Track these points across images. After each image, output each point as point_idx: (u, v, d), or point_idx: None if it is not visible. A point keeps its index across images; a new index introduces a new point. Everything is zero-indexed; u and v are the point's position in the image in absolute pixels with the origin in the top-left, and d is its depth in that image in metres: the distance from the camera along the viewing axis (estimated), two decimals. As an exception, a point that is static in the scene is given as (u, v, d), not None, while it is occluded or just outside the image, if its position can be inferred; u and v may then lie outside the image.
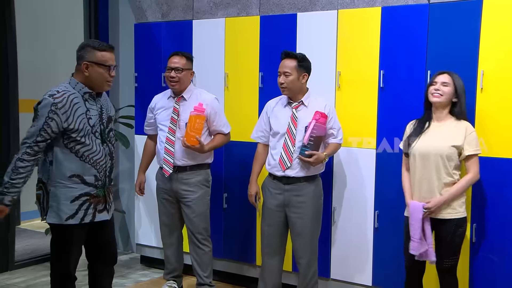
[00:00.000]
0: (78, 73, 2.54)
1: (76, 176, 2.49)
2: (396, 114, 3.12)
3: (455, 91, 2.72)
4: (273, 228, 3.10)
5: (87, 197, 2.52)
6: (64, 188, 2.48)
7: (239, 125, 3.52)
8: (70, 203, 2.49)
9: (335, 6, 3.38)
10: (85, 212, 2.52)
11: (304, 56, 3.04)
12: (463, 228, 2.69)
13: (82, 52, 2.53)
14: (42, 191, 2.53)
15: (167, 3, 4.04)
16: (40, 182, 2.55)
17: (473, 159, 2.69)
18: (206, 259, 3.38)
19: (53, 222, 2.50)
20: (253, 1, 3.68)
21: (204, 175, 3.34)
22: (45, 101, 2.43)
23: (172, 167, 3.25)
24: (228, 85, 3.69)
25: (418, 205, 2.70)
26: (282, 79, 3.01)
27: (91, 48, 2.52)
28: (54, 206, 2.49)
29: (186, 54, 3.33)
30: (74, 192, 2.49)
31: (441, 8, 3.01)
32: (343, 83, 3.30)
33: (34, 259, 4.19)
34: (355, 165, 3.29)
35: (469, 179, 2.69)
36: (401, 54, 3.11)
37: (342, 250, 3.34)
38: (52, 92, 2.46)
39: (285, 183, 3.04)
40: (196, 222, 3.31)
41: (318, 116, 2.93)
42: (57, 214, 2.49)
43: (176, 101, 3.30)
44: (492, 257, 2.90)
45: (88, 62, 2.51)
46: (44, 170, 2.52)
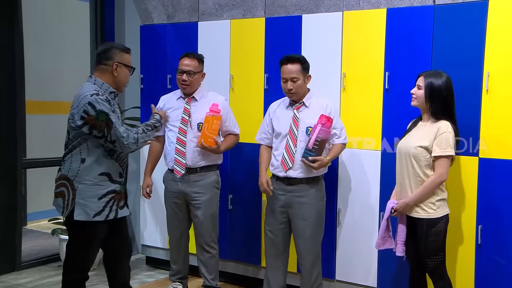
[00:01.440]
0: (104, 74, 2.59)
1: (106, 174, 2.55)
2: (401, 115, 3.11)
3: (425, 93, 2.70)
4: (276, 230, 3.10)
5: (113, 194, 2.58)
6: (93, 185, 2.51)
7: (245, 127, 3.53)
8: (98, 201, 2.53)
9: (340, 7, 3.38)
10: (110, 209, 2.57)
11: (304, 57, 3.05)
12: (437, 229, 2.67)
13: (110, 53, 2.58)
14: (67, 188, 2.53)
15: (172, 5, 4.06)
16: (65, 179, 2.54)
17: (440, 160, 2.66)
18: (213, 262, 3.38)
19: (80, 219, 2.51)
20: (258, 3, 3.69)
21: (214, 177, 3.35)
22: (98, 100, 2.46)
23: (184, 168, 3.25)
24: (234, 87, 3.70)
25: (389, 204, 2.81)
26: (290, 85, 2.98)
27: (119, 50, 2.60)
28: (81, 203, 2.51)
29: (197, 55, 3.33)
30: (102, 190, 2.54)
31: (447, 10, 3.00)
32: (348, 85, 3.30)
33: (40, 260, 4.21)
34: (360, 167, 3.29)
35: (432, 181, 2.67)
36: (406, 56, 3.11)
37: (347, 251, 3.34)
38: (92, 91, 2.50)
39: (287, 184, 3.04)
40: (205, 224, 3.31)
41: (325, 121, 2.91)
42: (85, 211, 2.51)
43: (187, 102, 3.31)
44: (499, 259, 2.89)
45: (118, 63, 2.58)
46: (73, 167, 2.52)
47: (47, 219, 4.35)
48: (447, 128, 2.66)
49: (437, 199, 2.70)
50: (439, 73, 2.74)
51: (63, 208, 2.55)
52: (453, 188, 2.94)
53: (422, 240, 2.70)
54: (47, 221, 4.31)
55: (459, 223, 2.98)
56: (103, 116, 2.46)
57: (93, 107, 2.45)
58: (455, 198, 2.95)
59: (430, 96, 2.70)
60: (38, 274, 3.99)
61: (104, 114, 2.46)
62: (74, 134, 2.52)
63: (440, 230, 2.69)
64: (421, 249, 2.72)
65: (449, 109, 2.72)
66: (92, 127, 2.47)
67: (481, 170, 2.92)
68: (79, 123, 2.47)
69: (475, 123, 2.92)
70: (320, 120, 2.92)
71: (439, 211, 2.69)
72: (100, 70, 2.60)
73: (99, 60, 2.61)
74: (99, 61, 2.61)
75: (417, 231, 2.74)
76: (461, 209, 2.98)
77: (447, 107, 2.71)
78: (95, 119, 2.45)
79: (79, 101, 2.49)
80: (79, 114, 2.47)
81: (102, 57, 2.60)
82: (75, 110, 2.49)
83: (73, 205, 2.51)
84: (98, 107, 2.45)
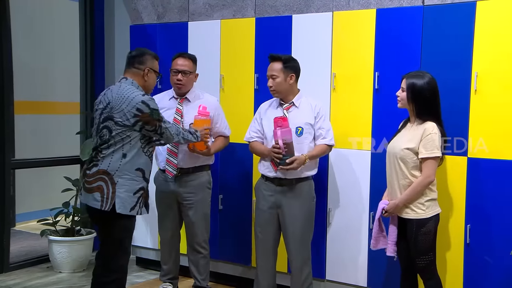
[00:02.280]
0: (135, 76, 2.73)
1: (140, 170, 2.66)
2: (391, 115, 3.12)
3: (407, 95, 2.70)
4: (266, 230, 3.10)
5: (142, 191, 2.68)
6: (130, 180, 2.62)
7: (235, 127, 3.52)
8: (133, 195, 2.63)
9: (330, 8, 3.39)
10: (140, 205, 2.68)
11: (289, 57, 3.06)
12: (426, 229, 2.68)
13: (143, 58, 2.73)
14: (105, 183, 2.60)
15: (162, 5, 4.05)
16: (104, 173, 2.61)
17: (427, 161, 2.66)
18: (204, 262, 3.37)
19: (122, 212, 2.60)
20: (248, 3, 3.69)
21: (206, 177, 3.34)
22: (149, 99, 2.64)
23: (176, 168, 3.24)
24: (224, 87, 3.69)
25: (380, 205, 2.83)
26: (270, 82, 3.03)
27: (152, 56, 2.77)
28: (120, 197, 2.59)
29: (191, 55, 3.33)
30: (136, 185, 2.65)
31: (435, 10, 3.02)
32: (338, 85, 3.31)
33: (29, 261, 4.17)
34: (350, 167, 3.29)
35: (419, 182, 2.67)
36: (395, 56, 3.12)
37: (337, 251, 3.35)
38: (141, 92, 2.66)
39: (277, 185, 3.04)
40: (197, 225, 3.31)
41: (280, 123, 2.91)
42: (123, 204, 2.60)
43: (179, 102, 3.30)
44: (487, 258, 2.91)
45: (150, 68, 2.74)
46: (113, 161, 2.60)
47: (36, 220, 4.32)
48: (433, 129, 2.66)
49: (426, 200, 2.71)
50: (422, 73, 2.73)
51: (102, 202, 2.60)
52: (442, 188, 2.95)
53: (412, 240, 2.72)
54: (36, 222, 4.28)
55: (448, 222, 2.99)
56: (156, 114, 2.64)
57: (147, 106, 2.60)
58: (444, 198, 2.96)
59: (412, 97, 2.70)
60: (27, 275, 3.96)
61: (157, 112, 2.65)
62: (121, 131, 2.60)
63: (430, 230, 2.70)
64: (411, 249, 2.73)
65: (435, 109, 2.71)
66: (145, 123, 2.62)
67: (470, 170, 2.94)
68: (133, 121, 2.59)
69: (463, 123, 2.94)
70: (276, 124, 2.92)
71: (428, 211, 2.71)
72: (132, 73, 2.73)
73: (131, 63, 2.75)
74: (131, 64, 2.75)
75: (407, 231, 2.75)
76: (450, 208, 3.00)
77: (431, 108, 2.70)
78: (149, 116, 2.61)
79: (128, 101, 2.59)
80: (132, 112, 2.58)
81: (135, 61, 2.74)
82: (126, 109, 2.58)
83: (113, 198, 2.58)
84: (151, 105, 2.62)
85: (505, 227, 2.85)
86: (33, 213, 5.17)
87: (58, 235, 4.00)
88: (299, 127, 3.01)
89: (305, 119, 3.02)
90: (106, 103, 2.64)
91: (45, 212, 4.15)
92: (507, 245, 2.83)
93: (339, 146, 3.25)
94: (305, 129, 3.01)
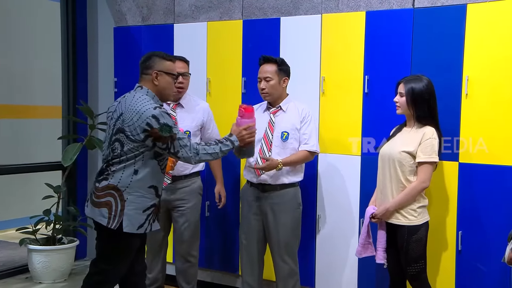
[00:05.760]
0: (147, 83, 2.54)
1: (153, 187, 2.50)
2: (381, 120, 3.08)
3: (407, 99, 2.66)
4: (251, 237, 3.03)
5: (154, 208, 2.54)
6: (141, 197, 2.47)
7: (222, 131, 3.43)
8: (142, 213, 2.49)
9: (319, 10, 3.34)
10: (149, 222, 2.53)
11: (283, 60, 2.99)
12: (418, 236, 2.64)
13: (149, 62, 2.55)
14: (115, 199, 2.46)
15: (147, 6, 3.96)
16: (113, 189, 2.46)
17: (423, 166, 2.63)
18: (192, 271, 3.29)
19: (128, 231, 2.46)
20: (235, 5, 3.62)
21: (198, 182, 3.27)
22: (161, 113, 2.41)
23: (170, 177, 3.15)
24: (211, 91, 3.62)
25: (368, 211, 2.76)
26: (263, 84, 2.95)
27: (159, 57, 2.55)
28: (129, 215, 2.46)
29: (186, 59, 3.24)
30: (148, 203, 2.50)
31: (426, 13, 2.98)
32: (327, 89, 3.25)
33: (6, 271, 4.02)
34: (340, 172, 3.24)
35: (413, 187, 2.63)
36: (385, 59, 3.08)
37: (327, 258, 3.28)
38: (154, 104, 2.44)
39: (261, 191, 2.97)
40: (187, 232, 3.21)
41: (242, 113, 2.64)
42: (131, 222, 2.46)
43: (172, 108, 3.20)
44: (479, 265, 2.87)
45: (158, 71, 2.52)
46: (124, 177, 2.45)
47: (15, 228, 4.17)
48: (432, 134, 2.63)
49: (418, 206, 2.66)
50: (419, 77, 2.71)
51: (109, 219, 2.46)
52: (433, 193, 2.91)
53: (403, 248, 2.66)
54: (15, 230, 4.14)
55: (439, 229, 2.95)
56: (166, 130, 2.41)
57: (157, 120, 2.39)
58: (435, 204, 2.92)
59: (412, 102, 2.66)
60: (4, 287, 3.81)
61: (167, 127, 2.41)
62: (133, 146, 2.43)
63: (421, 237, 2.65)
64: (402, 257, 2.68)
65: (433, 113, 2.69)
66: (156, 139, 2.42)
67: (461, 175, 2.91)
68: (142, 136, 2.41)
69: (454, 127, 2.91)
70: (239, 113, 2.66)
71: (420, 218, 2.66)
72: (144, 80, 2.55)
73: (141, 69, 2.58)
74: (141, 70, 2.58)
75: (397, 238, 2.69)
76: (442, 214, 2.95)
77: (431, 111, 2.68)
78: (159, 131, 2.40)
79: (139, 115, 2.40)
80: (142, 127, 2.40)
81: (143, 67, 2.57)
82: (137, 123, 2.40)
83: (121, 216, 2.44)
84: (161, 120, 2.40)
85: (497, 233, 2.81)
86: (12, 221, 5.01)
87: (38, 244, 3.87)
88: (284, 132, 2.94)
89: (291, 123, 2.95)
90: (120, 113, 2.46)
91: (25, 220, 4.01)
92: (499, 252, 2.78)
93: (328, 151, 3.20)
94: (290, 134, 2.94)
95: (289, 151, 2.94)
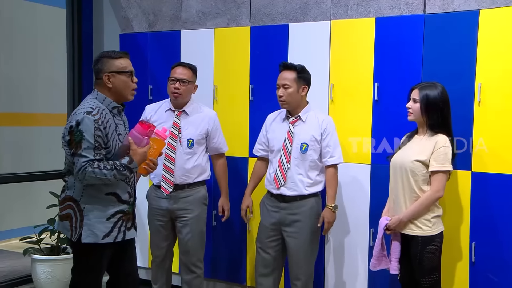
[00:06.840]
0: (101, 87, 2.44)
1: (113, 194, 2.41)
2: (391, 128, 3.03)
3: (421, 106, 2.61)
4: (267, 247, 2.98)
5: (121, 214, 2.45)
6: (100, 205, 2.39)
7: (229, 140, 3.39)
8: (106, 221, 2.40)
9: (327, 16, 3.29)
10: (118, 230, 2.44)
11: (303, 67, 2.93)
12: (432, 247, 2.58)
13: (98, 65, 2.44)
14: (73, 210, 2.40)
15: (154, 13, 3.93)
16: (70, 200, 2.40)
17: (437, 175, 2.57)
18: (197, 283, 3.21)
19: (89, 242, 2.38)
20: (243, 11, 3.58)
21: (203, 191, 3.20)
22: (86, 119, 2.29)
23: (172, 185, 3.09)
24: (218, 98, 3.57)
25: (382, 222, 2.69)
26: (281, 92, 2.89)
27: (107, 58, 2.43)
28: (89, 225, 2.38)
29: (191, 66, 3.18)
30: (110, 210, 2.41)
31: (437, 19, 2.94)
32: (336, 96, 3.20)
33: (10, 282, 3.96)
34: (350, 181, 3.18)
35: (427, 196, 2.57)
36: (396, 66, 3.03)
37: (337, 269, 3.22)
38: (87, 109, 2.33)
39: (281, 201, 2.92)
40: (191, 243, 3.15)
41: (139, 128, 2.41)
42: (93, 232, 2.38)
43: (176, 115, 3.15)
44: (492, 277, 2.80)
45: (108, 72, 2.41)
46: (77, 187, 2.39)
47: (19, 238, 4.12)
48: (445, 142, 2.58)
49: (432, 216, 2.59)
50: (434, 84, 2.65)
51: (72, 232, 2.41)
52: (446, 203, 2.85)
53: (416, 259, 2.59)
54: (19, 240, 4.09)
55: (452, 239, 2.88)
56: (78, 136, 2.29)
57: (77, 124, 2.30)
58: (448, 214, 2.85)
59: (426, 109, 2.61)
60: (8, 296, 3.76)
61: (79, 134, 2.29)
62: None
63: (436, 248, 2.58)
64: (416, 269, 2.61)
65: (446, 121, 2.64)
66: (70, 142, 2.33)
67: (474, 184, 2.85)
68: (67, 139, 2.34)
69: (467, 136, 2.85)
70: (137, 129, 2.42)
71: (434, 228, 2.59)
72: (98, 85, 2.46)
73: (94, 74, 2.48)
74: (95, 75, 2.48)
75: (411, 249, 2.62)
76: (454, 225, 2.89)
77: (445, 119, 2.63)
78: (73, 134, 2.31)
79: (72, 117, 2.36)
80: (67, 129, 2.34)
81: (95, 71, 2.47)
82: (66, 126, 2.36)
83: (81, 227, 2.38)
84: (81, 126, 2.30)
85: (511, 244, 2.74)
86: (15, 230, 4.96)
87: (42, 253, 3.81)
88: (304, 143, 2.88)
89: (310, 135, 2.90)
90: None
91: (29, 229, 3.96)
92: (514, 263, 2.72)
93: (338, 159, 3.14)
94: (310, 146, 2.89)
95: (308, 163, 2.89)
